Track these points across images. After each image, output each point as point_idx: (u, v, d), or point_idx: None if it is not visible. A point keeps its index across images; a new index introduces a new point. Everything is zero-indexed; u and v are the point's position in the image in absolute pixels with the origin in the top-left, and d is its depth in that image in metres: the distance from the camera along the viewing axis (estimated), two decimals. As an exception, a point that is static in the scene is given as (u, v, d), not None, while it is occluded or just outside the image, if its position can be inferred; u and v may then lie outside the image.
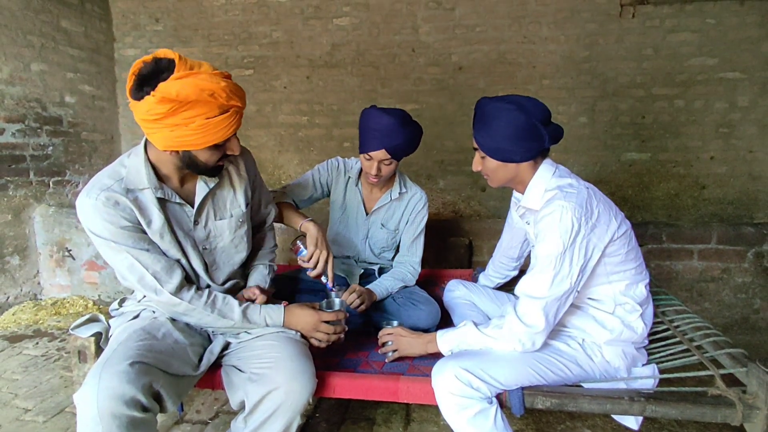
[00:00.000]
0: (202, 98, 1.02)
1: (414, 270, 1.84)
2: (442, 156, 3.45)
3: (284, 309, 1.32)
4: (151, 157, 1.18)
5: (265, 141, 3.64)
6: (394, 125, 1.58)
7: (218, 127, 1.07)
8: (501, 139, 1.25)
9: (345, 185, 1.85)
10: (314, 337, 1.33)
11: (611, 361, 1.26)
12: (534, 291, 1.16)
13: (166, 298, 1.18)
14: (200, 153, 1.12)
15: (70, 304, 2.93)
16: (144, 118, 1.05)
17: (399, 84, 3.40)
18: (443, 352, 1.30)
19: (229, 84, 1.07)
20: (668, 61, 3.12)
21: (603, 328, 1.26)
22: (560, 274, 1.15)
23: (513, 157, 1.28)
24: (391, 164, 1.67)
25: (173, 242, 1.19)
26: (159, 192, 1.17)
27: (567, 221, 1.14)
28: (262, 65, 3.52)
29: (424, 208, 1.83)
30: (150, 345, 1.09)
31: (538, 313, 1.14)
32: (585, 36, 3.18)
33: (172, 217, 1.21)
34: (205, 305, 1.22)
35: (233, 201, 1.33)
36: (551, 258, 1.15)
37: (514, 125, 1.23)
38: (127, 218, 1.12)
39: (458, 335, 1.27)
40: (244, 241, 1.37)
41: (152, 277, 1.15)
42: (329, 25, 3.41)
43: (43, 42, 3.05)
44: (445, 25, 3.29)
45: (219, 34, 3.52)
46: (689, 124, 3.18)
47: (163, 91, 1.00)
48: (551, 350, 1.24)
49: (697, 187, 3.23)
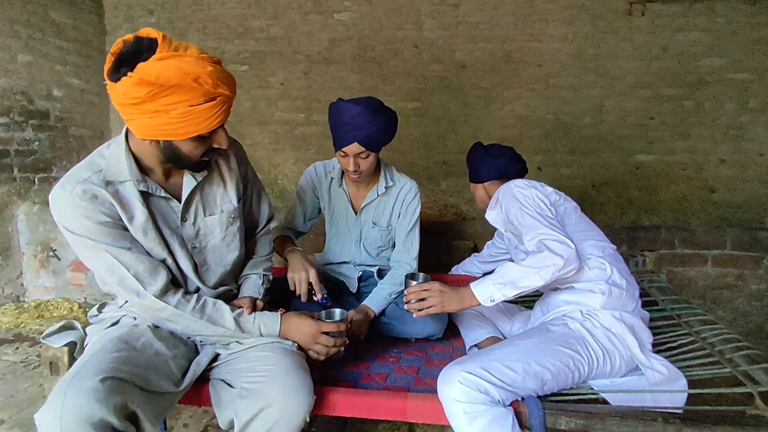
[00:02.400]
0: (185, 83, 0.91)
1: (412, 268, 1.72)
2: (444, 156, 3.35)
3: (281, 317, 1.20)
4: (132, 147, 1.07)
5: (260, 139, 3.52)
6: (364, 115, 1.47)
7: (203, 116, 0.96)
8: (481, 166, 1.70)
9: (328, 188, 1.75)
10: (312, 350, 1.21)
11: (611, 327, 1.23)
12: (535, 234, 1.27)
13: (150, 301, 1.06)
14: (183, 144, 1.01)
15: (55, 307, 2.80)
16: (121, 102, 0.94)
17: (401, 81, 3.30)
18: (482, 301, 1.24)
19: (217, 69, 0.96)
20: (677, 60, 3.04)
21: (593, 293, 1.27)
22: (538, 213, 1.31)
23: (485, 177, 1.69)
24: (368, 157, 1.55)
25: (158, 240, 1.08)
26: (142, 185, 1.05)
27: (517, 184, 1.43)
28: (258, 60, 3.41)
29: (416, 199, 1.71)
30: (127, 357, 0.96)
31: (556, 235, 1.23)
32: (593, 34, 3.09)
33: (156, 213, 1.09)
34: (193, 310, 1.10)
35: (224, 196, 1.22)
36: (528, 207, 1.34)
37: (500, 154, 1.70)
38: (106, 213, 1.01)
39: (497, 278, 1.23)
40: (236, 239, 1.25)
41: (134, 278, 1.03)
42: (329, 19, 3.30)
43: (30, 33, 2.93)
44: (448, 22, 3.20)
45: (215, 28, 3.41)
46: (698, 126, 3.09)
47: (142, 72, 0.89)
48: (554, 338, 1.20)
49: (705, 191, 3.14)
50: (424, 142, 3.30)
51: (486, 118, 3.26)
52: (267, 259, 1.43)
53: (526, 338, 1.22)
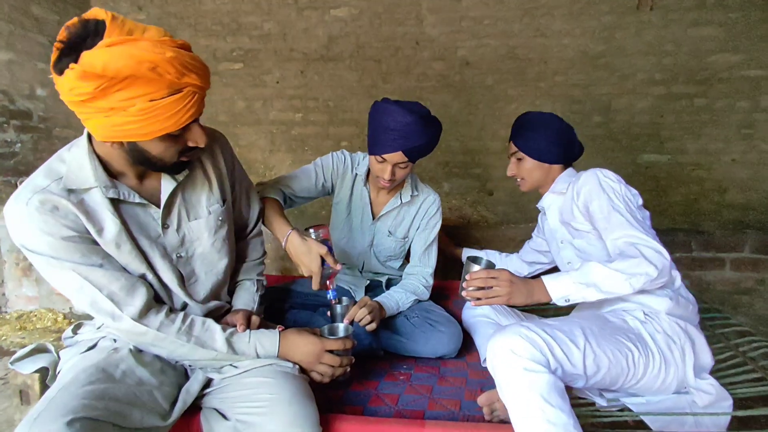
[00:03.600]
0: (141, 73, 0.77)
1: (427, 282, 1.59)
2: (447, 158, 3.22)
3: (279, 336, 1.07)
4: (97, 148, 0.93)
5: (255, 140, 3.38)
6: (416, 125, 1.34)
7: (168, 111, 0.82)
8: (543, 143, 1.42)
9: (352, 184, 1.60)
10: (316, 371, 1.08)
11: (673, 335, 1.12)
12: (626, 235, 1.13)
13: (128, 325, 0.92)
14: (150, 146, 0.87)
15: (38, 318, 2.65)
16: (69, 99, 0.80)
17: (401, 79, 3.18)
18: (556, 299, 1.11)
19: (181, 55, 0.81)
20: (689, 57, 2.93)
21: (657, 297, 1.17)
22: (628, 212, 1.17)
23: (550, 158, 1.44)
24: (406, 167, 1.43)
25: (134, 252, 0.94)
26: (111, 191, 0.92)
27: (609, 174, 1.28)
28: (252, 58, 3.27)
29: (438, 213, 1.60)
30: (102, 390, 0.83)
31: (654, 243, 1.10)
32: (601, 29, 2.98)
33: (131, 222, 0.95)
34: (179, 332, 0.97)
35: (209, 196, 1.08)
36: (618, 205, 1.19)
37: (557, 132, 1.44)
38: (70, 226, 0.87)
39: (579, 276, 1.11)
40: (226, 243, 1.12)
41: (108, 299, 0.90)
42: (326, 16, 3.17)
43: (11, 29, 2.77)
44: (451, 17, 3.07)
45: (207, 24, 3.27)
46: (711, 125, 2.98)
47: (86, 63, 0.75)
48: (615, 327, 1.11)
49: (718, 192, 3.03)
50: (426, 142, 3.18)
51: (490, 118, 3.14)
52: (260, 262, 1.30)
53: (584, 319, 1.11)
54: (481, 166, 3.22)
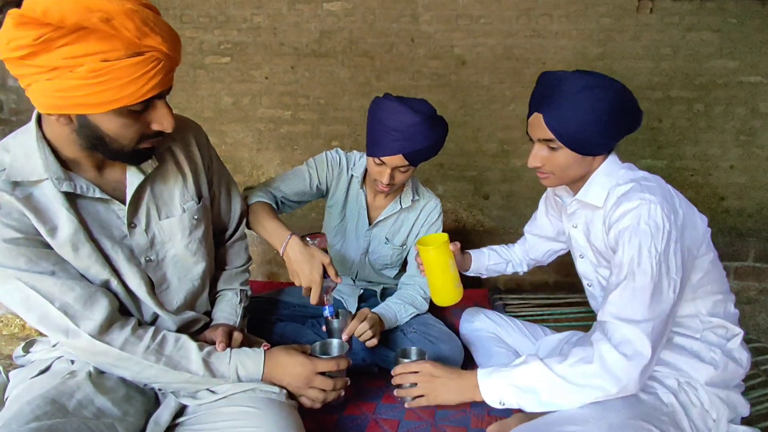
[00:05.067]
0: (92, 24, 0.65)
1: (425, 293, 1.49)
2: (441, 159, 3.11)
3: (264, 355, 0.94)
4: (47, 133, 0.80)
5: (242, 137, 3.24)
6: (421, 126, 1.23)
7: (125, 76, 0.69)
8: (591, 124, 0.99)
9: (347, 186, 1.49)
10: (306, 396, 0.96)
11: (710, 409, 0.94)
12: (631, 312, 0.88)
13: (85, 342, 0.79)
14: (104, 121, 0.74)
15: (4, 324, 2.49)
16: (7, 56, 0.67)
17: (396, 77, 3.07)
18: (491, 404, 0.92)
19: (142, 11, 0.69)
20: (687, 61, 2.89)
21: (702, 363, 0.95)
22: (661, 284, 0.89)
23: (597, 149, 1.03)
24: (407, 171, 1.33)
25: (95, 256, 0.81)
26: (65, 184, 0.79)
27: (657, 218, 0.91)
28: (240, 52, 3.14)
29: (439, 219, 1.51)
30: (49, 427, 0.69)
31: (642, 339, 0.86)
32: (599, 31, 2.92)
33: (90, 220, 0.82)
34: (147, 351, 0.84)
35: (183, 192, 0.95)
36: (645, 265, 0.90)
37: (611, 105, 0.98)
38: (14, 227, 0.74)
39: (516, 377, 0.90)
40: (203, 246, 0.99)
41: (61, 312, 0.77)
42: (318, 10, 3.05)
43: (-19, 14, 2.60)
44: (447, 15, 2.98)
45: (193, 16, 3.12)
46: (708, 130, 2.95)
47: (26, 6, 0.64)
48: (642, 411, 0.89)
49: (715, 198, 2.99)
50: (419, 143, 3.08)
51: (486, 119, 3.06)
52: (243, 270, 1.17)
53: (609, 408, 0.89)
54: (477, 168, 3.13)
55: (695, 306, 1.00)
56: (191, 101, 3.14)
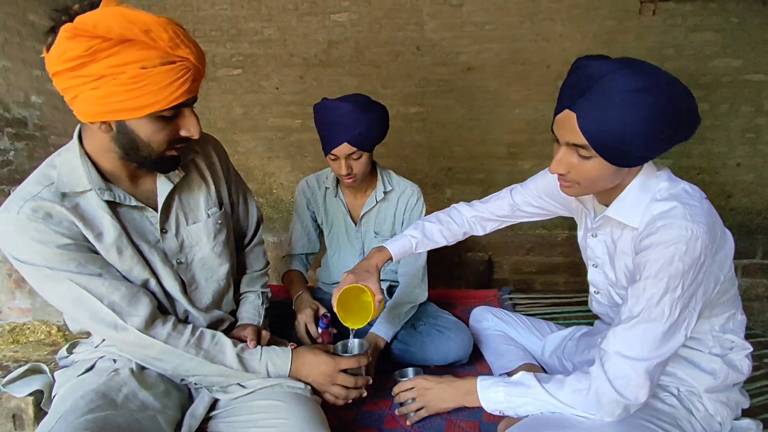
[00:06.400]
0: (133, 35, 0.74)
1: (420, 281, 1.54)
2: (450, 163, 3.19)
3: (292, 354, 1.01)
4: (88, 149, 0.88)
5: (253, 146, 3.33)
6: (354, 112, 1.35)
7: (159, 82, 0.78)
8: (636, 135, 0.79)
9: (323, 200, 1.60)
10: (330, 392, 1.03)
11: (715, 414, 0.96)
12: (638, 351, 0.83)
13: (133, 336, 0.87)
14: (140, 126, 0.82)
15: (31, 331, 2.58)
16: (57, 70, 0.76)
17: (402, 85, 3.14)
18: (489, 410, 0.98)
19: (173, 25, 0.79)
20: (691, 61, 2.92)
21: (702, 372, 0.95)
22: (677, 324, 0.82)
23: (636, 162, 0.86)
24: (360, 158, 1.42)
25: (137, 258, 0.89)
26: (107, 193, 0.87)
27: (695, 253, 0.79)
28: (251, 64, 3.23)
29: (419, 203, 1.58)
30: (104, 418, 0.77)
31: (639, 380, 0.82)
32: (602, 33, 2.97)
33: (130, 227, 0.91)
34: (188, 345, 0.91)
35: (207, 199, 1.03)
36: (665, 307, 0.81)
37: (665, 113, 0.80)
38: (65, 234, 0.82)
39: (513, 393, 0.94)
40: (226, 248, 1.08)
41: (109, 309, 0.84)
42: (326, 21, 3.14)
43: (6, 36, 2.72)
44: (452, 22, 3.05)
45: (205, 30, 3.22)
46: (714, 129, 2.97)
47: (78, 22, 0.73)
48: (645, 413, 0.92)
49: (723, 196, 3.01)
50: (427, 147, 3.14)
51: (494, 123, 3.11)
52: (263, 273, 1.25)
53: None
54: (485, 171, 3.19)
55: (710, 323, 0.96)
56: (204, 113, 3.24)
